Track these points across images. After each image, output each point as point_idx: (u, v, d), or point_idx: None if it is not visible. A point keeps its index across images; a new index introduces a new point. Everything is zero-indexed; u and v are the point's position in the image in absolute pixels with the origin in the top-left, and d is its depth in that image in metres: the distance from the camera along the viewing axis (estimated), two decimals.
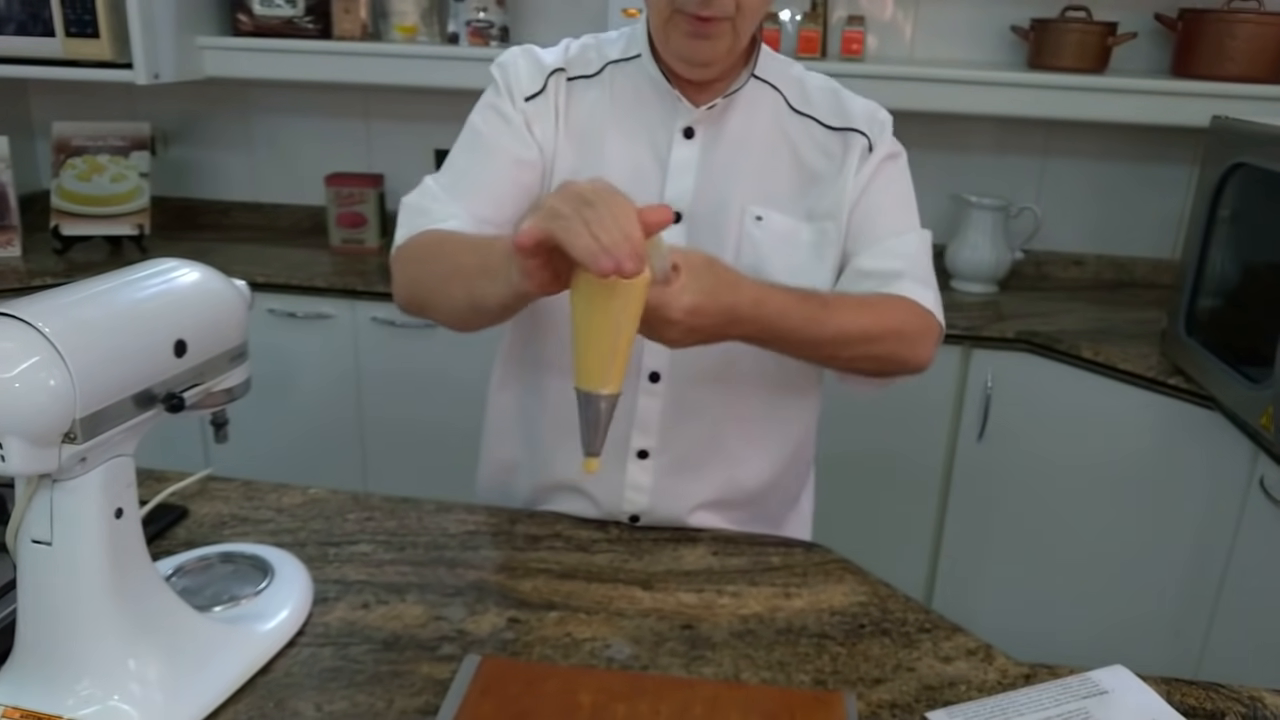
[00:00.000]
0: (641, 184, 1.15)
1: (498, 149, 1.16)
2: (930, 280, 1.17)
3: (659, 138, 1.16)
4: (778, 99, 1.18)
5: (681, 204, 1.15)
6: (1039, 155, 2.54)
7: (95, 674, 0.79)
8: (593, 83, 1.18)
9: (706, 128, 1.16)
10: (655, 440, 1.19)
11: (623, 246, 0.77)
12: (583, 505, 1.21)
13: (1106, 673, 0.93)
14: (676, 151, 1.15)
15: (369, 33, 2.52)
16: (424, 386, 2.36)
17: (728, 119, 1.16)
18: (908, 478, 2.25)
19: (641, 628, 0.99)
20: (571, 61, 1.19)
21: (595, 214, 0.78)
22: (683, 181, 1.15)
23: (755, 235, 1.15)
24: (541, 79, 1.17)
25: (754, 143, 1.16)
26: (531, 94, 1.16)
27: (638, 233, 0.79)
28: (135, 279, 0.84)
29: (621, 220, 0.78)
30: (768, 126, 1.17)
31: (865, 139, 1.16)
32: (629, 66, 1.18)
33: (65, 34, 2.31)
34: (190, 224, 2.86)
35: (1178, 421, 1.88)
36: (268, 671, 0.90)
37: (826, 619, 1.01)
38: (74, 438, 0.73)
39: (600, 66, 1.18)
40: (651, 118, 1.16)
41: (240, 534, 1.13)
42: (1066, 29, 2.26)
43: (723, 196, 1.15)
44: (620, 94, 1.17)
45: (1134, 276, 2.57)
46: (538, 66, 1.18)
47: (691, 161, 1.15)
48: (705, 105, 1.14)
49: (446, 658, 0.93)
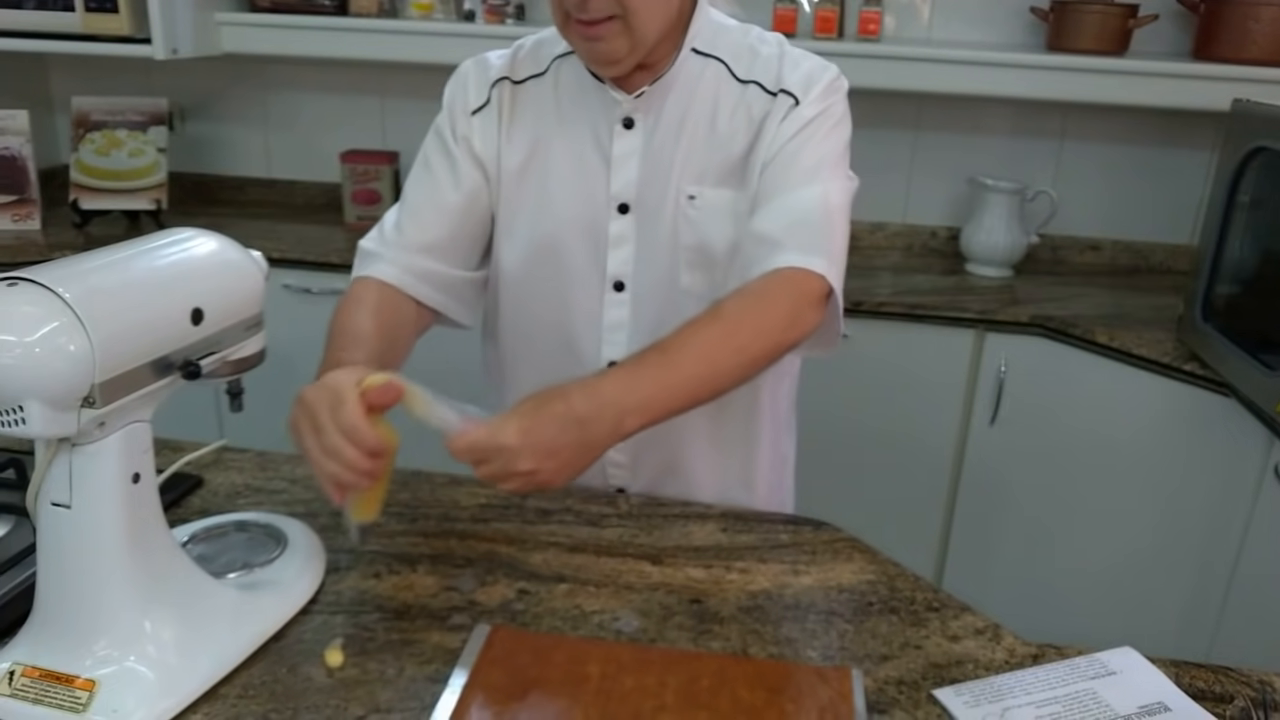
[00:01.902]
0: (587, 179, 1.17)
1: (439, 180, 1.20)
2: (822, 239, 1.08)
3: (601, 130, 1.16)
4: (720, 70, 1.15)
5: (628, 195, 1.16)
6: (1056, 138, 2.52)
7: (112, 635, 0.81)
8: (541, 80, 1.20)
9: (645, 116, 1.15)
10: None
11: (340, 477, 0.87)
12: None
13: (1115, 654, 0.93)
14: (618, 144, 1.16)
15: (385, 10, 2.52)
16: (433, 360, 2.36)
17: (666, 102, 1.15)
18: (919, 461, 2.25)
19: (650, 601, 0.99)
20: (521, 63, 1.21)
21: (319, 442, 0.87)
22: (626, 173, 1.16)
23: (690, 214, 1.15)
24: (486, 91, 1.19)
25: (693, 120, 1.14)
26: (477, 107, 1.19)
27: (362, 441, 0.86)
28: (153, 248, 0.84)
29: (339, 446, 0.86)
30: (708, 101, 1.14)
31: (793, 99, 1.11)
32: (572, 60, 1.18)
33: (85, 9, 2.32)
34: (207, 199, 2.87)
35: (1192, 408, 1.87)
36: (281, 638, 0.91)
37: (835, 596, 1.02)
38: (93, 402, 0.74)
39: (548, 63, 1.20)
40: (592, 110, 1.17)
41: (254, 503, 1.14)
42: (1087, 11, 2.24)
43: (661, 181, 1.15)
44: (565, 88, 1.18)
45: (1150, 262, 2.55)
46: (484, 78, 1.20)
47: (634, 152, 1.16)
48: (634, 94, 1.14)
49: (457, 627, 0.93)
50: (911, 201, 2.62)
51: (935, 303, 2.14)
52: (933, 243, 2.61)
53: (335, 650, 0.88)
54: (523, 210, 1.20)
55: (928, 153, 2.56)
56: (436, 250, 1.20)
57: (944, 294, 2.22)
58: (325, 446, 0.86)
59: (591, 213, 1.18)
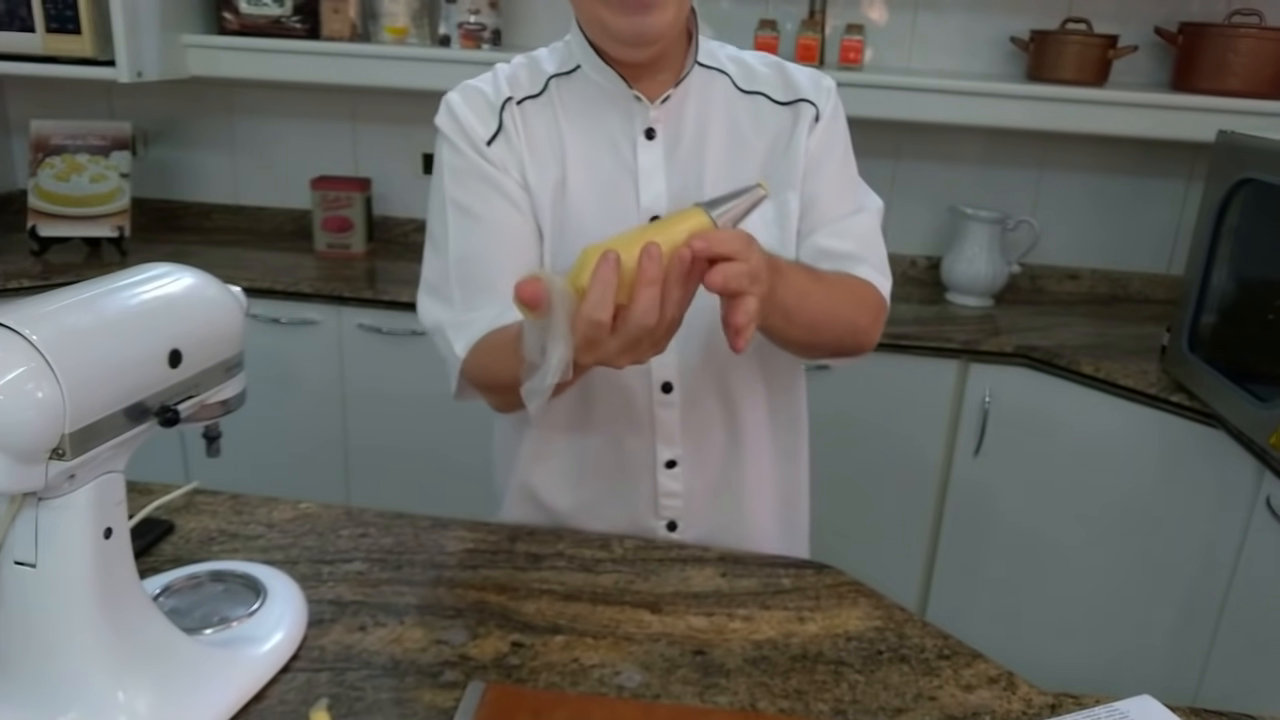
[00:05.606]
0: (615, 196, 1.13)
1: (495, 220, 1.12)
2: (884, 261, 1.19)
3: (621, 145, 1.13)
4: (725, 82, 1.16)
5: (659, 209, 1.12)
6: (1035, 168, 2.53)
7: (82, 706, 0.75)
8: (539, 101, 1.14)
9: (666, 127, 1.13)
10: (680, 449, 1.18)
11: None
12: (615, 513, 1.21)
13: (1134, 703, 0.90)
14: (643, 155, 1.13)
15: (358, 33, 2.47)
16: (411, 395, 2.32)
17: (684, 113, 1.14)
18: (903, 492, 2.23)
19: (651, 653, 0.95)
20: (514, 84, 1.15)
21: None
22: (655, 186, 1.13)
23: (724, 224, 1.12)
24: (494, 117, 1.12)
25: (711, 130, 1.14)
26: (490, 137, 1.12)
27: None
28: (128, 284, 0.79)
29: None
30: (722, 111, 1.15)
31: (814, 108, 1.15)
32: (572, 80, 1.14)
33: (46, 29, 2.26)
34: (171, 226, 2.80)
35: (1180, 439, 1.86)
36: (261, 699, 0.85)
37: (843, 644, 0.98)
38: (62, 454, 0.68)
39: (544, 84, 1.15)
40: (609, 126, 1.13)
41: (229, 551, 1.09)
42: (1067, 41, 2.25)
43: (692, 191, 1.12)
44: (569, 108, 1.14)
45: (1129, 291, 2.56)
46: (486, 105, 1.13)
47: (659, 164, 1.13)
48: (660, 99, 1.12)
49: (449, 684, 0.88)
50: (891, 230, 2.57)
51: (918, 333, 2.12)
52: (912, 271, 2.60)
53: (321, 712, 0.83)
54: (549, 237, 1.13)
55: (908, 182, 2.56)
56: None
57: (927, 324, 2.20)
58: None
59: (623, 228, 1.12)
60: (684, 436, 1.18)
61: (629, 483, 1.20)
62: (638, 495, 1.21)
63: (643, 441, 1.18)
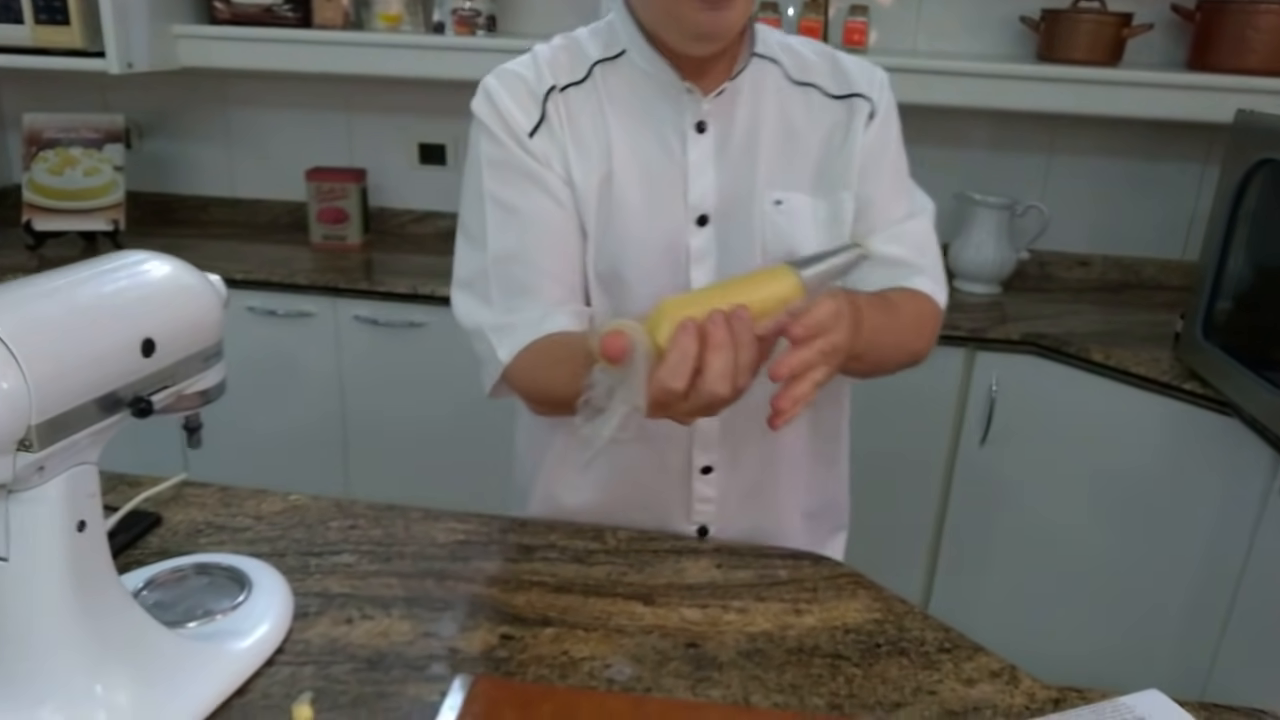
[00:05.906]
0: (662, 191, 1.08)
1: (536, 217, 1.07)
2: (940, 268, 1.17)
3: (669, 137, 1.08)
4: (778, 72, 1.11)
5: (707, 205, 1.08)
6: (1045, 152, 2.48)
7: (59, 701, 0.73)
8: (583, 89, 1.09)
9: (717, 120, 1.08)
10: (717, 455, 1.16)
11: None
12: (646, 517, 1.18)
13: (1141, 697, 0.87)
14: (692, 149, 1.08)
15: (351, 21, 2.45)
16: (408, 387, 2.30)
17: (736, 105, 1.09)
18: (908, 481, 2.20)
19: (643, 646, 0.93)
20: (555, 70, 1.09)
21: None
22: (704, 181, 1.08)
23: (778, 221, 1.08)
24: (537, 106, 1.07)
25: (764, 124, 1.09)
26: (533, 127, 1.07)
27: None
28: (99, 272, 0.77)
29: None
30: (773, 103, 1.10)
31: (869, 103, 1.11)
32: (618, 65, 1.09)
33: (35, 21, 2.24)
34: (167, 219, 2.79)
35: (1192, 427, 1.83)
36: (244, 693, 0.84)
37: (840, 638, 0.96)
38: (29, 445, 0.66)
39: (587, 69, 1.09)
40: (658, 116, 1.08)
41: (216, 543, 1.07)
42: (1079, 20, 2.19)
43: (744, 188, 1.08)
44: (615, 95, 1.09)
45: (1140, 278, 2.52)
46: (527, 93, 1.07)
47: (709, 158, 1.08)
48: (714, 93, 1.07)
49: (436, 678, 0.87)
50: None
51: None
52: None
53: (304, 705, 0.81)
54: (593, 234, 1.09)
55: (914, 167, 2.50)
56: (566, 283, 1.08)
57: None
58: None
59: (670, 227, 1.08)
60: (722, 442, 1.15)
61: (662, 487, 1.18)
62: (671, 499, 1.18)
63: (680, 446, 1.15)
